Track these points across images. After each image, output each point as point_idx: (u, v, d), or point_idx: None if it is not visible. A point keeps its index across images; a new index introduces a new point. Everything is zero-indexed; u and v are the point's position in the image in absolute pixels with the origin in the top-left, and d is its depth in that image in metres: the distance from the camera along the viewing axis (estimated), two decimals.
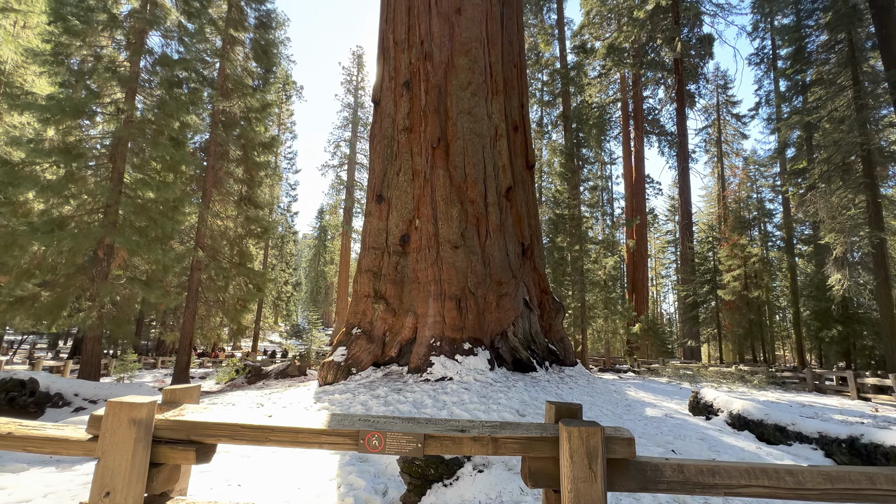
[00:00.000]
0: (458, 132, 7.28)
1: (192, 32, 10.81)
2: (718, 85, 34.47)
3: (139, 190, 9.03)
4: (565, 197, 18.52)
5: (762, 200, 24.05)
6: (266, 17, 13.90)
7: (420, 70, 7.67)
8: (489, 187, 7.27)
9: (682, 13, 27.38)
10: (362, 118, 45.64)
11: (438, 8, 7.84)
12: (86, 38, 8.64)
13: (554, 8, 28.03)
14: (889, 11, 12.45)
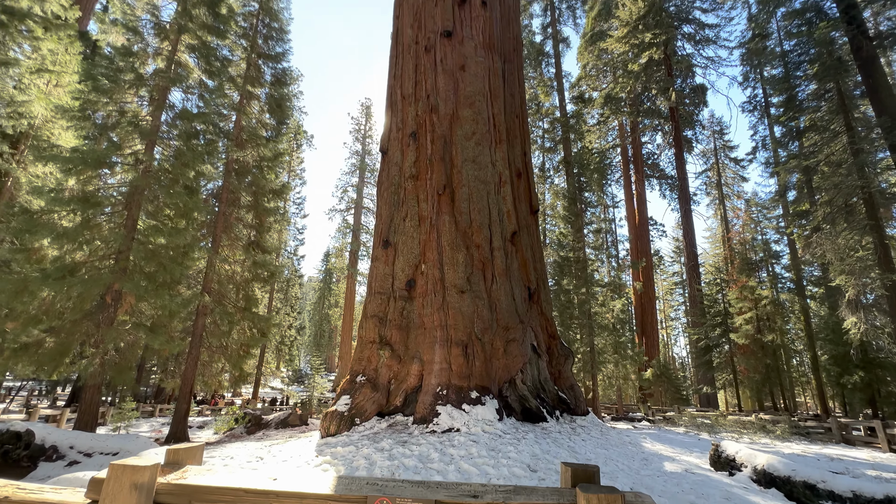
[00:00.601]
0: (463, 179, 7.50)
1: (211, 89, 11.50)
2: (714, 131, 35.53)
3: (151, 236, 9.24)
4: (570, 240, 18.64)
5: (768, 242, 24.03)
6: (281, 74, 14.80)
7: (426, 121, 8.04)
8: (494, 232, 7.37)
9: (674, 65, 28.81)
10: (369, 164, 47.21)
11: (444, 65, 8.34)
12: (112, 96, 9.23)
13: (552, 63, 29.63)
14: (873, 62, 13.05)
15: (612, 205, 34.11)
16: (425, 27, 8.82)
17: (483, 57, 8.43)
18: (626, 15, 27.44)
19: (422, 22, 8.94)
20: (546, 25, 29.70)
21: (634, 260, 28.39)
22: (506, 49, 9.55)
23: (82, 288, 7.66)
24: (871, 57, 12.10)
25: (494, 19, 9.10)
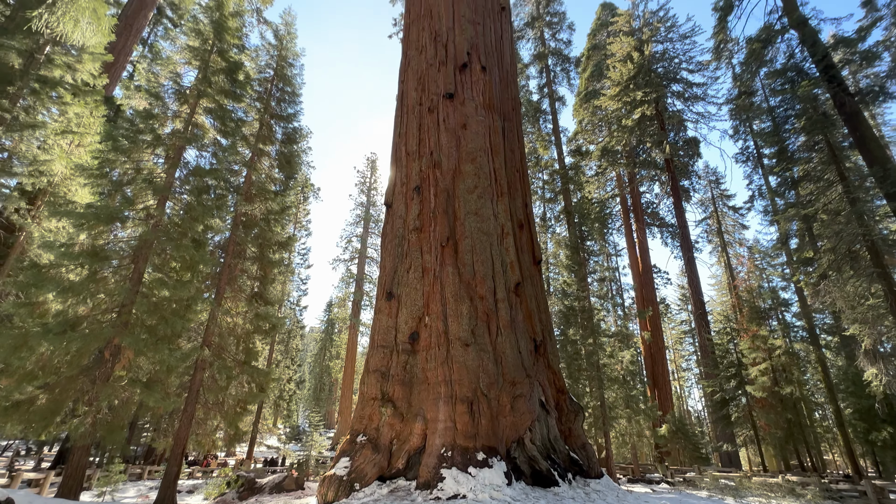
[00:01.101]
0: (465, 231, 7.61)
1: (225, 147, 12.06)
2: (710, 180, 36.39)
3: (155, 289, 9.27)
4: (574, 289, 18.52)
5: (775, 290, 23.75)
6: (292, 133, 15.56)
7: (430, 176, 8.32)
8: (498, 283, 7.35)
9: (666, 120, 30.15)
10: (374, 215, 48.25)
11: (446, 124, 8.77)
12: (130, 155, 9.69)
13: (549, 119, 31.09)
14: (858, 116, 13.60)
15: (614, 253, 34.24)
16: (428, 90, 9.38)
17: (483, 116, 8.89)
18: (617, 76, 29.17)
19: (425, 85, 9.53)
20: (542, 86, 31.51)
21: (640, 309, 27.97)
22: (505, 109, 10.08)
23: (82, 343, 7.57)
24: (854, 111, 12.64)
25: (493, 82, 9.69)
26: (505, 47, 11.03)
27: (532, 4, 31.67)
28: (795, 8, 14.79)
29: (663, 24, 31.05)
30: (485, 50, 9.92)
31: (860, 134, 12.46)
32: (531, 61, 31.67)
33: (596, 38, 35.20)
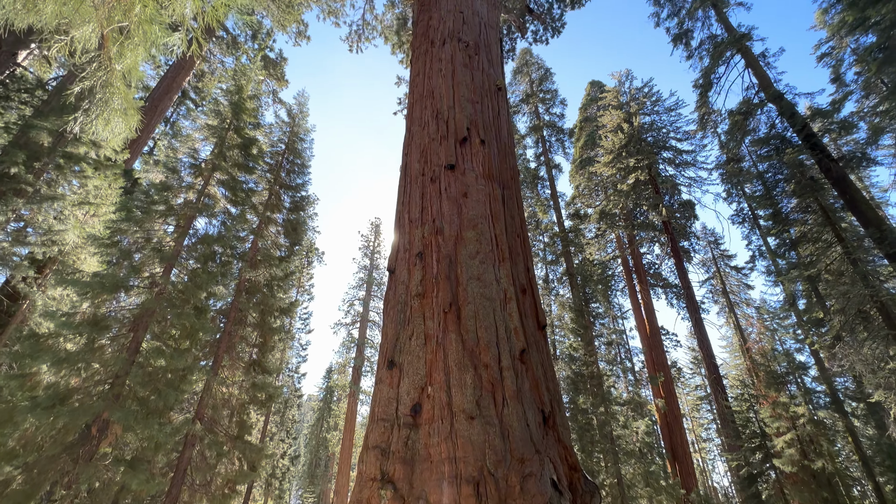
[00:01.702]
0: (468, 297, 7.57)
1: (234, 216, 12.49)
2: (709, 241, 36.84)
3: (152, 358, 9.07)
4: (581, 353, 17.99)
5: (790, 353, 22.98)
6: (300, 201, 16.17)
7: (432, 242, 8.47)
8: (502, 350, 7.13)
9: (660, 185, 31.27)
10: (376, 279, 48.41)
11: (448, 193, 9.13)
12: (143, 225, 10.02)
13: (547, 185, 32.36)
14: (845, 180, 14.10)
15: (620, 315, 33.73)
16: (431, 161, 9.88)
17: (483, 185, 9.26)
18: (609, 144, 30.82)
19: (428, 157, 10.05)
20: (539, 154, 33.21)
21: (652, 374, 26.92)
22: (504, 178, 10.53)
23: (69, 418, 7.25)
24: (841, 176, 13.13)
25: (492, 154, 10.23)
26: (502, 122, 11.80)
27: (526, 83, 34.42)
28: (770, 84, 15.99)
29: (648, 98, 33.39)
30: (483, 125, 10.60)
31: (850, 197, 12.83)
32: (527, 133, 33.71)
33: (587, 111, 37.74)
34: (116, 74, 1.90)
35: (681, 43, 21.18)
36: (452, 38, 11.79)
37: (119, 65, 1.88)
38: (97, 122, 2.10)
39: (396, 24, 18.25)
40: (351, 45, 18.45)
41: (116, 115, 2.07)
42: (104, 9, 1.70)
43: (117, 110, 2.02)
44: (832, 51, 15.79)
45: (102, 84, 1.89)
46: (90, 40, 1.78)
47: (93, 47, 1.84)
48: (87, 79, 1.91)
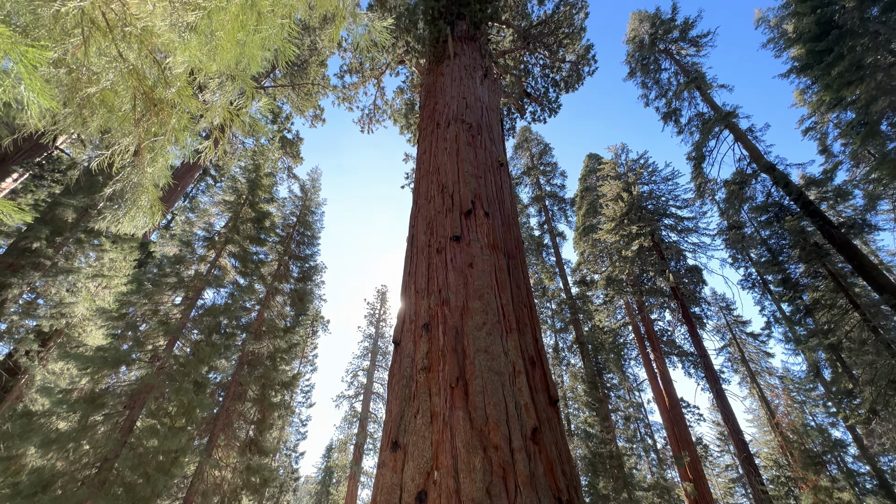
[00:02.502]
0: (476, 370, 7.31)
1: (243, 287, 12.63)
2: (721, 307, 36.12)
3: (144, 439, 8.64)
4: (597, 430, 16.86)
5: (824, 429, 21.35)
6: (308, 271, 16.40)
7: (438, 313, 8.40)
8: (513, 429, 6.71)
9: (664, 251, 31.48)
10: (381, 347, 47.26)
11: (454, 264, 9.25)
12: (152, 297, 10.13)
13: (552, 252, 32.73)
14: (850, 245, 14.13)
15: (635, 387, 32.14)
16: (437, 233, 10.16)
17: (489, 255, 9.41)
18: (611, 212, 31.62)
19: (434, 229, 10.36)
20: (542, 223, 34.04)
21: (677, 453, 24.94)
22: (508, 247, 10.72)
23: None
24: (845, 242, 13.18)
25: (496, 225, 10.53)
26: (505, 195, 12.30)
27: (527, 157, 36.35)
28: (761, 156, 16.73)
29: (645, 169, 34.88)
30: (487, 198, 11.05)
31: (859, 262, 12.75)
32: (530, 202, 34.88)
33: (586, 181, 39.31)
34: (147, 176, 2.08)
35: (670, 120, 22.60)
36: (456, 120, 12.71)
37: (151, 168, 2.06)
38: (124, 221, 2.25)
39: (405, 108, 19.85)
40: (363, 127, 19.93)
41: (142, 212, 2.22)
42: (144, 123, 1.91)
43: (143, 207, 2.18)
44: (816, 125, 16.71)
45: (133, 185, 2.07)
46: (128, 151, 1.98)
47: (129, 156, 2.03)
48: (119, 181, 2.09)
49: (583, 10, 18.50)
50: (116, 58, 1.74)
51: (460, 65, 13.25)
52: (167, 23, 1.72)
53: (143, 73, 1.84)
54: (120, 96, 1.85)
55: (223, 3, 1.77)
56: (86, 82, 1.71)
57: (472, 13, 14.87)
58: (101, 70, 1.73)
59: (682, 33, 23.79)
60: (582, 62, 19.46)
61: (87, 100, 1.76)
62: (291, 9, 2.26)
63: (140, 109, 1.89)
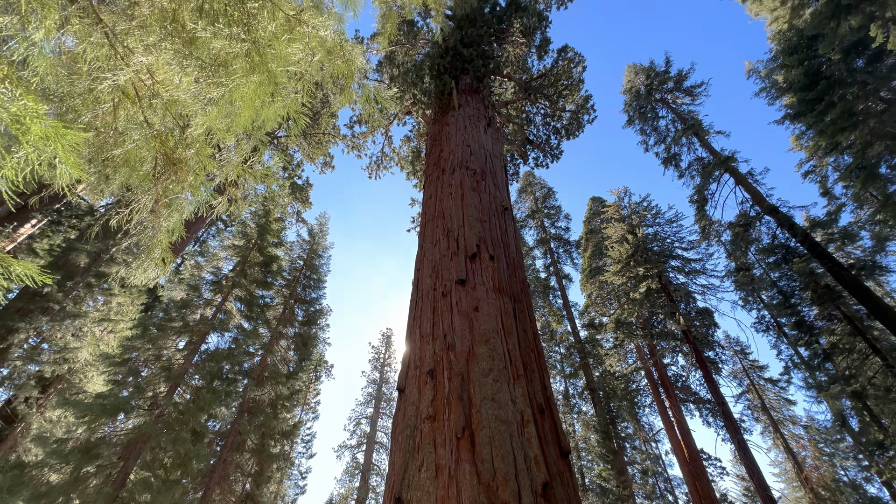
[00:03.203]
0: (482, 420, 7.04)
1: (247, 331, 12.56)
2: (736, 351, 35.03)
3: (137, 493, 8.26)
4: (613, 485, 15.87)
5: (857, 484, 19.92)
6: (313, 315, 16.33)
7: (443, 359, 8.23)
8: (522, 485, 6.34)
9: (672, 292, 31.03)
10: (386, 393, 45.86)
11: (459, 307, 9.19)
12: (156, 342, 10.08)
13: (559, 295, 32.44)
14: (862, 288, 13.86)
15: (652, 437, 30.59)
16: (442, 277, 10.18)
17: (494, 299, 9.35)
18: (616, 254, 31.60)
19: (439, 272, 10.39)
20: (548, 265, 34.03)
21: None
22: (514, 291, 10.67)
23: None
24: (857, 284, 12.96)
25: (501, 268, 10.55)
26: (510, 238, 12.42)
27: (531, 201, 37.00)
28: (763, 199, 16.90)
29: (648, 212, 35.22)
30: (492, 242, 11.16)
31: (873, 305, 12.47)
32: (535, 245, 35.08)
33: (591, 223, 39.66)
34: (162, 231, 2.17)
35: (671, 165, 23.11)
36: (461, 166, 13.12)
37: (166, 222, 2.16)
38: (136, 273, 2.32)
39: (411, 155, 20.57)
40: (370, 173, 20.59)
41: (154, 263, 2.30)
42: (163, 181, 2.03)
43: (156, 259, 2.25)
44: (815, 168, 16.98)
45: (147, 238, 2.16)
46: (146, 208, 2.09)
47: (146, 212, 2.14)
48: (135, 235, 2.19)
49: (580, 64, 19.51)
50: (142, 123, 1.88)
51: (464, 115, 13.86)
52: (191, 96, 1.88)
53: (166, 136, 1.97)
54: (142, 156, 1.97)
55: (243, 81, 1.94)
56: (112, 144, 1.85)
57: (476, 68, 15.72)
58: (127, 132, 1.86)
59: (677, 84, 24.90)
60: (581, 111, 20.29)
61: (112, 159, 1.89)
62: (305, 82, 2.44)
63: (160, 168, 2.01)
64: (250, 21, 1.85)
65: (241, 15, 1.81)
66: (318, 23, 2.16)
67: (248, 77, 1.92)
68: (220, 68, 1.88)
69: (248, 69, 1.91)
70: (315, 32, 2.15)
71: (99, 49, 1.60)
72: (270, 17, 1.96)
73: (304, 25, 2.10)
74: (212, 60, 1.84)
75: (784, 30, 14.58)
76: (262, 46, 1.91)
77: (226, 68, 1.88)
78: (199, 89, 1.89)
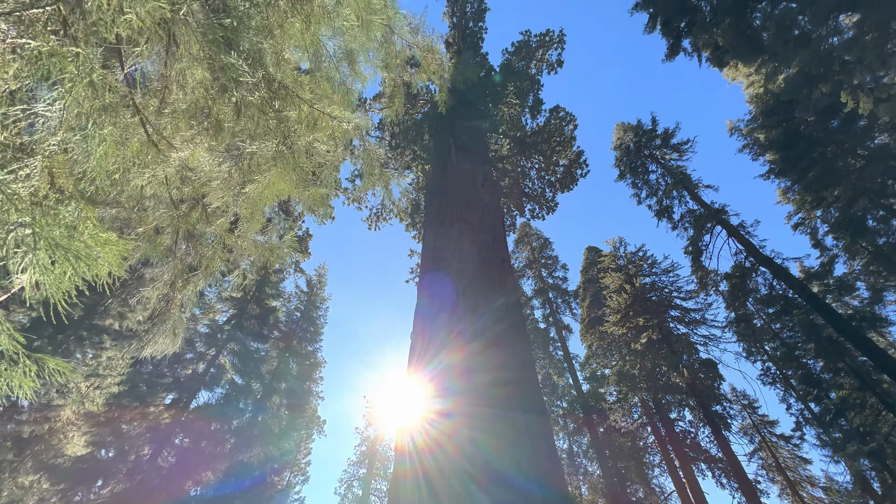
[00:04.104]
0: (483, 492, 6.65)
1: (239, 387, 12.14)
2: (744, 405, 33.84)
3: None
4: None
5: None
6: (307, 369, 15.88)
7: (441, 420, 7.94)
8: None
9: (674, 343, 30.50)
10: (380, 451, 43.43)
11: (459, 365, 9.01)
12: (143, 400, 9.70)
13: (559, 346, 31.88)
14: (865, 340, 13.70)
15: (663, 501, 28.73)
16: (440, 330, 10.07)
17: (492, 351, 9.20)
18: (615, 304, 31.42)
19: (438, 325, 10.29)
20: (547, 315, 33.74)
21: None
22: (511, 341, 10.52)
23: None
24: (859, 336, 12.83)
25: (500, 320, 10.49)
26: (509, 290, 12.44)
27: (528, 251, 37.41)
28: (756, 250, 17.17)
29: (644, 261, 35.53)
30: (491, 294, 11.16)
31: (878, 358, 12.28)
32: (534, 295, 34.98)
33: (588, 273, 39.80)
34: (175, 303, 2.20)
35: (664, 217, 23.68)
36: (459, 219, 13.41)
37: (180, 294, 2.20)
38: (147, 347, 2.33)
39: (411, 207, 21.04)
40: (370, 225, 20.95)
41: (165, 336, 2.31)
42: (181, 255, 2.10)
43: (167, 332, 2.26)
44: (804, 221, 17.42)
45: (161, 312, 2.18)
46: (165, 283, 2.15)
47: (164, 286, 2.20)
48: (150, 311, 2.22)
49: (571, 122, 20.55)
50: (169, 204, 1.98)
51: (462, 169, 14.38)
52: (221, 184, 2.00)
53: (189, 213, 2.07)
54: (163, 232, 2.05)
55: (272, 174, 2.07)
56: (136, 221, 1.93)
57: (473, 127, 16.53)
58: (153, 210, 1.95)
59: (664, 141, 26.14)
60: (574, 166, 21.05)
61: (135, 235, 1.96)
62: (320, 166, 2.60)
63: (180, 244, 2.08)
64: (279, 115, 2.01)
65: (273, 112, 1.97)
66: (342, 115, 2.34)
67: (278, 168, 2.05)
68: (251, 159, 2.02)
69: (277, 162, 2.05)
70: (339, 125, 2.32)
71: (136, 136, 1.71)
72: (297, 113, 2.13)
73: (329, 118, 2.27)
74: (245, 156, 1.98)
75: (760, 93, 15.59)
76: (292, 144, 2.04)
77: (256, 161, 2.01)
78: (230, 177, 2.00)
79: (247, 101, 1.80)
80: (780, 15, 10.37)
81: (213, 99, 1.80)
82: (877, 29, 6.92)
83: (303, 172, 2.23)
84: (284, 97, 2.02)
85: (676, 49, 14.45)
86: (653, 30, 14.99)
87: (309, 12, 2.11)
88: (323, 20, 2.19)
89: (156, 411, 10.08)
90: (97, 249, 1.42)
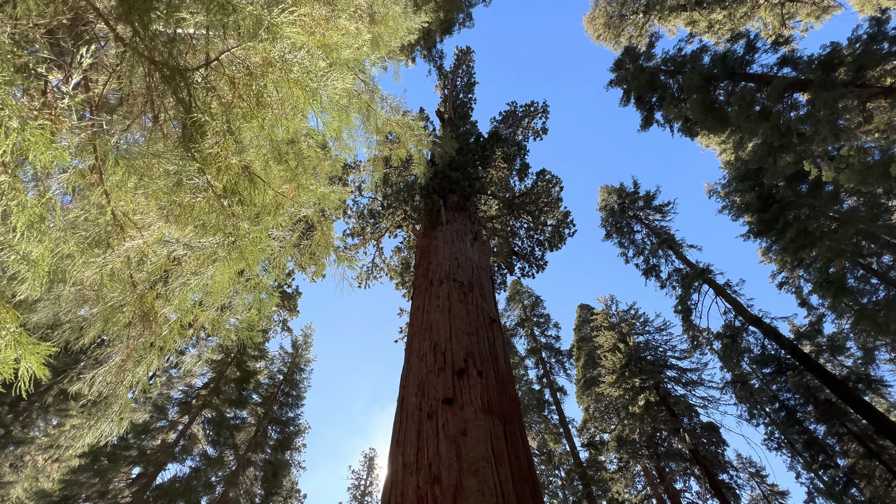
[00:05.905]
0: None
1: (211, 459, 11.26)
2: (751, 473, 32.10)
3: None
4: None
5: None
6: (287, 438, 14.91)
7: (428, 494, 7.33)
8: None
9: (672, 406, 29.46)
10: None
11: (445, 431, 8.51)
12: (105, 475, 8.91)
13: (554, 409, 30.63)
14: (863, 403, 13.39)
15: None
16: (428, 395, 9.65)
17: (483, 420, 8.74)
18: (610, 364, 30.75)
19: (425, 390, 9.87)
20: (541, 376, 32.77)
21: None
22: (504, 410, 10.06)
23: None
24: (855, 398, 12.56)
25: (490, 385, 10.10)
26: (498, 352, 12.15)
27: (520, 309, 37.16)
28: (744, 309, 17.26)
29: (637, 320, 35.38)
30: (480, 356, 10.87)
31: (878, 421, 11.93)
32: (526, 355, 34.20)
33: (581, 331, 39.32)
34: (125, 384, 2.12)
35: (651, 275, 24.01)
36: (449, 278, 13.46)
37: (130, 375, 2.12)
38: (87, 432, 2.20)
39: (401, 266, 21.21)
40: (360, 282, 20.88)
41: (108, 421, 2.19)
42: (136, 334, 2.07)
43: (112, 416, 2.15)
44: (788, 280, 17.74)
45: (109, 393, 2.09)
46: (115, 364, 2.08)
47: (115, 365, 2.14)
48: (95, 390, 2.13)
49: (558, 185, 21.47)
50: (128, 282, 1.98)
51: (452, 230, 14.66)
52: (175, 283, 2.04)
53: (147, 293, 2.06)
54: (119, 312, 2.03)
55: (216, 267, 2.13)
56: (92, 299, 1.91)
57: (462, 189, 17.21)
58: (109, 290, 1.95)
59: (647, 202, 27.23)
60: (562, 225, 21.67)
61: (91, 315, 1.93)
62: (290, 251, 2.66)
63: (135, 324, 2.05)
64: (229, 210, 2.10)
65: (222, 207, 2.06)
66: (306, 199, 2.47)
67: (230, 257, 2.11)
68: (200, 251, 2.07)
69: (229, 251, 2.11)
70: (298, 211, 2.44)
71: (98, 213, 1.75)
72: (262, 198, 2.23)
73: (293, 201, 2.38)
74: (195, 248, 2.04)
75: (732, 160, 16.58)
76: (239, 237, 2.12)
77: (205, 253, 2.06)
78: (181, 265, 2.03)
79: (198, 199, 1.88)
80: (741, 92, 11.35)
81: (171, 192, 1.87)
82: (826, 107, 7.59)
83: (258, 256, 2.27)
84: (249, 184, 2.11)
85: (650, 121, 15.55)
86: (627, 103, 16.21)
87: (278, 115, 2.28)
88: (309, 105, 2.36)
89: (115, 489, 9.19)
90: (11, 355, 1.40)
